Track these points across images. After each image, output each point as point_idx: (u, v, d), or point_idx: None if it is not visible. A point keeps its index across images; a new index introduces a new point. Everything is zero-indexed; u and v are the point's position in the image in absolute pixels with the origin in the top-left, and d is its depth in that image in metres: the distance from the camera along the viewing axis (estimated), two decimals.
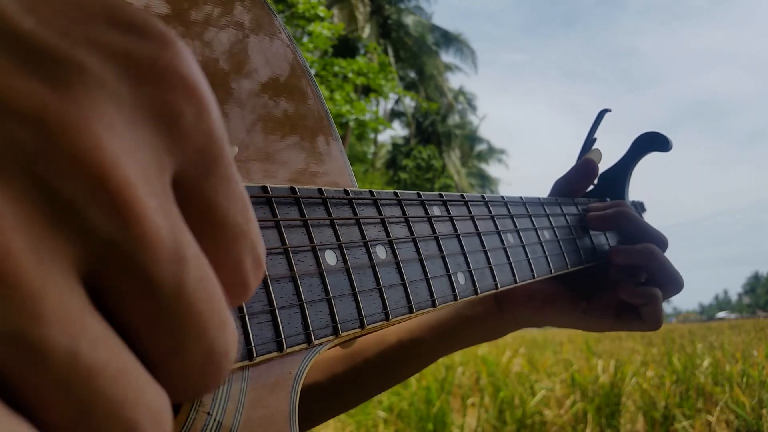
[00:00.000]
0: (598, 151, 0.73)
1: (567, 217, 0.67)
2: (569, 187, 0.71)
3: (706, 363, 4.47)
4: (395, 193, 0.43)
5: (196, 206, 0.17)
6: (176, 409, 0.28)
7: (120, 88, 0.14)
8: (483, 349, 6.35)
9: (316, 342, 0.33)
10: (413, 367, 0.68)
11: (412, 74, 28.72)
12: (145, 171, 0.14)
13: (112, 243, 0.14)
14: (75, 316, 0.13)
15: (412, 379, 4.23)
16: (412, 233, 0.43)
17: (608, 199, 0.75)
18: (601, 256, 0.69)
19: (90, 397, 0.13)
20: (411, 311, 0.40)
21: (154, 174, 0.15)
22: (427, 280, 0.42)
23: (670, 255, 0.70)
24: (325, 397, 0.64)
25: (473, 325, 0.67)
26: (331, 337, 0.34)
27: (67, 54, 0.14)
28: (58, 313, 0.13)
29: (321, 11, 10.46)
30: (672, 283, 0.65)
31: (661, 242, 0.66)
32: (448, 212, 0.48)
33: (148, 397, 0.15)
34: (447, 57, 30.95)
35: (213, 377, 0.17)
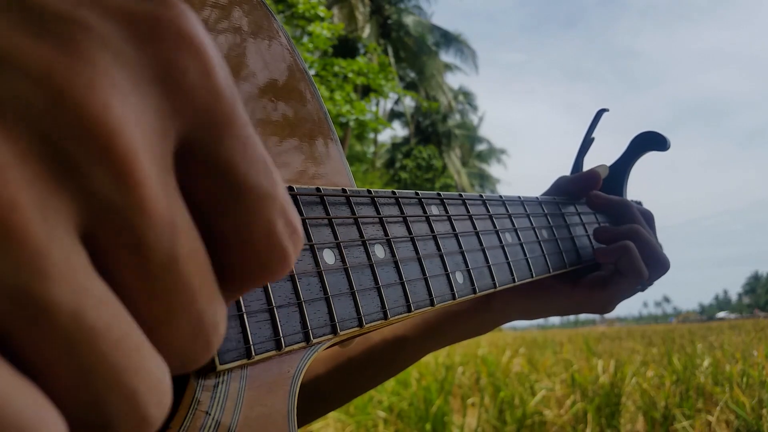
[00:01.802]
0: (605, 166, 0.74)
1: (565, 216, 0.67)
2: (570, 189, 0.71)
3: (706, 363, 4.47)
4: (393, 192, 0.43)
5: (212, 170, 0.16)
6: (174, 407, 0.28)
7: (124, 48, 0.14)
8: (483, 349, 6.35)
9: (315, 341, 0.33)
10: (399, 365, 0.67)
11: (412, 74, 28.71)
12: (148, 136, 0.14)
13: (112, 206, 0.14)
14: (79, 275, 0.13)
15: (412, 379, 4.23)
16: (410, 232, 0.43)
17: None
18: None
19: (92, 361, 0.13)
20: (409, 310, 0.40)
21: (156, 140, 0.15)
22: (426, 279, 0.42)
23: (671, 255, 0.70)
24: (308, 397, 0.63)
25: (460, 321, 0.66)
26: (330, 336, 0.34)
27: (71, 13, 0.14)
28: (62, 271, 0.13)
29: (321, 11, 10.45)
30: (659, 264, 0.66)
31: (646, 238, 0.67)
32: (446, 211, 0.48)
33: (149, 366, 0.14)
34: (447, 57, 30.95)
35: (202, 350, 0.17)
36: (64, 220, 0.13)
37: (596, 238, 0.67)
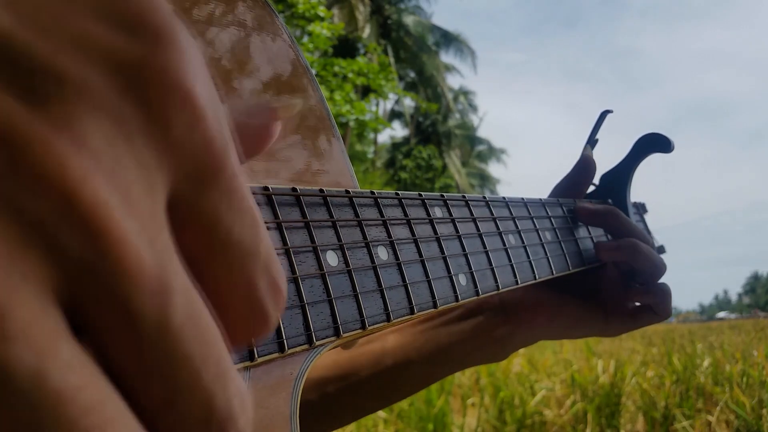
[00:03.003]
0: (588, 146, 0.74)
1: (569, 218, 0.67)
2: (571, 185, 0.71)
3: (706, 363, 4.47)
4: (396, 194, 0.43)
5: (197, 225, 0.15)
6: None
7: (104, 98, 0.13)
8: None
9: (318, 343, 0.33)
10: (408, 390, 0.66)
11: (412, 74, 28.71)
12: (127, 191, 0.13)
13: (88, 266, 0.13)
14: (45, 336, 0.12)
15: None
16: (413, 234, 0.43)
17: (610, 201, 0.75)
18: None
19: (59, 427, 0.12)
20: (412, 312, 0.40)
21: (139, 194, 0.14)
22: (429, 281, 0.42)
23: (670, 255, 0.70)
24: (316, 415, 0.62)
25: (475, 348, 0.64)
26: (333, 338, 0.34)
27: (47, 61, 0.13)
28: (24, 331, 0.11)
29: (321, 11, 10.46)
30: (658, 272, 0.66)
31: (644, 238, 0.67)
32: (450, 213, 0.48)
33: None
34: (447, 57, 30.95)
35: None
36: (34, 281, 0.12)
37: (600, 256, 0.67)
